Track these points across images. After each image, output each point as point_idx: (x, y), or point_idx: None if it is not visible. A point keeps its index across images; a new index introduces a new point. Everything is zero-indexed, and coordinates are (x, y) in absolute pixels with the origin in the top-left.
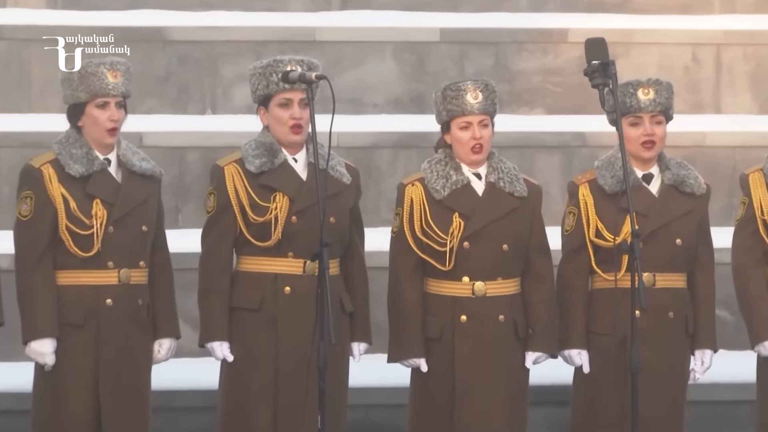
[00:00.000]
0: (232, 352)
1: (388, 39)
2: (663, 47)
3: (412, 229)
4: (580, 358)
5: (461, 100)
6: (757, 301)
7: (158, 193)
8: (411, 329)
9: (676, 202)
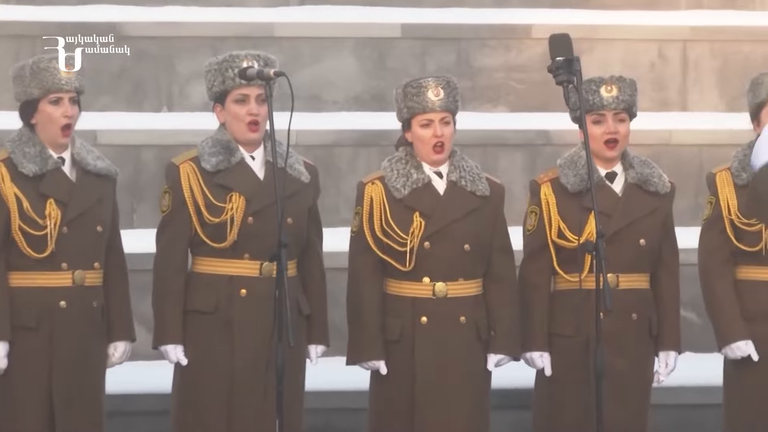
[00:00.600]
0: (186, 356)
1: (348, 35)
2: (628, 43)
3: (372, 229)
4: (542, 361)
5: (422, 98)
6: (723, 303)
7: (113, 193)
8: (370, 331)
9: (640, 201)
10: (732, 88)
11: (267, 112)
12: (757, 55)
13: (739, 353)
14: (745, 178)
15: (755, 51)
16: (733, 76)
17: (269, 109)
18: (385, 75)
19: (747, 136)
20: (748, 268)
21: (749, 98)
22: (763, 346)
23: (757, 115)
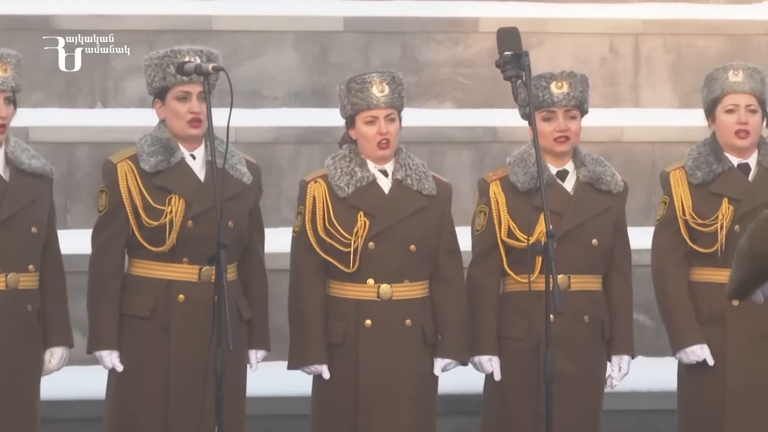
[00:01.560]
0: (121, 362)
1: (289, 28)
2: (579, 37)
3: (315, 229)
4: (491, 365)
5: (366, 93)
6: (678, 306)
7: (50, 193)
8: (312, 334)
9: (592, 200)
10: (685, 83)
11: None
12: (711, 50)
13: (694, 358)
14: (700, 177)
15: (709, 45)
16: (686, 71)
17: (207, 105)
18: (327, 70)
19: (701, 133)
20: (703, 270)
21: (703, 94)
22: (718, 350)
23: (712, 112)
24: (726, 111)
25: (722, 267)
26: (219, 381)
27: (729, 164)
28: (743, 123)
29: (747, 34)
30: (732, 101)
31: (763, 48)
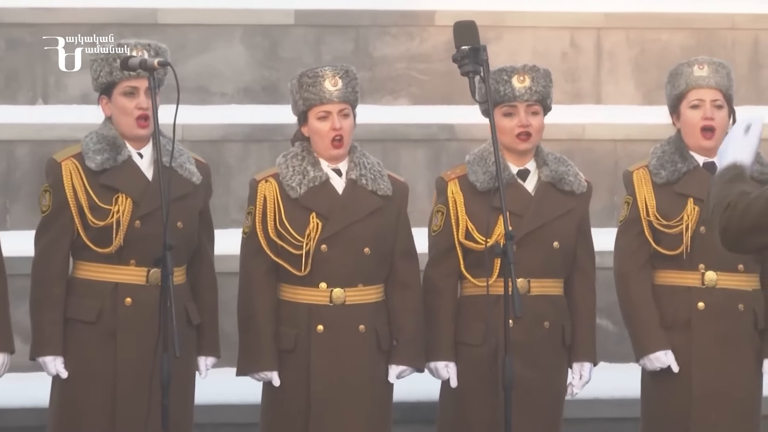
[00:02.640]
0: (66, 368)
1: (238, 21)
2: (538, 31)
3: (265, 230)
4: (448, 371)
5: (319, 88)
6: (641, 310)
7: None
8: (262, 340)
9: (554, 201)
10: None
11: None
12: (676, 44)
13: (658, 364)
14: (664, 176)
15: (674, 39)
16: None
17: (153, 101)
18: (277, 65)
19: (665, 130)
20: (668, 272)
21: (667, 90)
22: (683, 356)
23: (676, 109)
24: (691, 107)
25: (687, 270)
26: (165, 388)
27: (694, 163)
28: (709, 118)
29: (713, 28)
30: (697, 96)
31: (729, 42)
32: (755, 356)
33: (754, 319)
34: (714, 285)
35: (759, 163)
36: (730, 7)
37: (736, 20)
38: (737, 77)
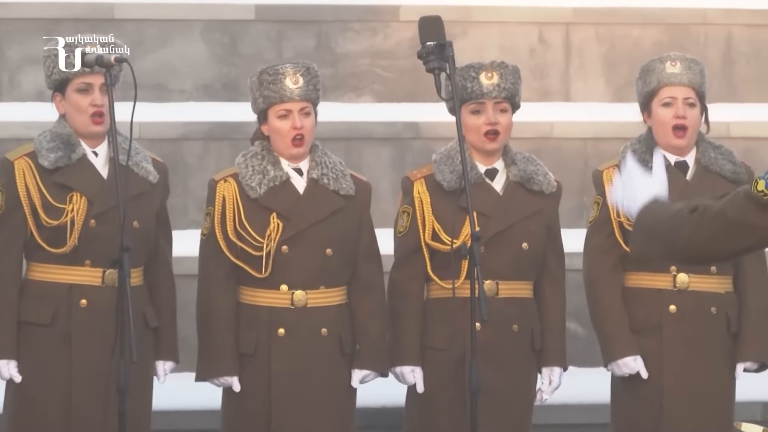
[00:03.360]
0: (20, 372)
1: (197, 17)
2: (506, 27)
3: (225, 231)
4: (414, 376)
5: (279, 86)
6: (611, 314)
7: None
8: (222, 344)
9: (523, 201)
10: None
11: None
12: (647, 40)
13: (626, 370)
14: None
15: (645, 35)
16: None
17: (110, 98)
18: (237, 61)
19: (636, 128)
20: (638, 275)
21: (638, 87)
22: (654, 360)
23: (648, 106)
24: (662, 104)
25: (658, 272)
26: (122, 394)
27: (666, 162)
28: (681, 117)
29: (685, 24)
30: (669, 94)
31: (702, 38)
32: (728, 361)
33: (726, 322)
34: (686, 287)
35: (732, 163)
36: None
37: (708, 15)
38: (709, 73)
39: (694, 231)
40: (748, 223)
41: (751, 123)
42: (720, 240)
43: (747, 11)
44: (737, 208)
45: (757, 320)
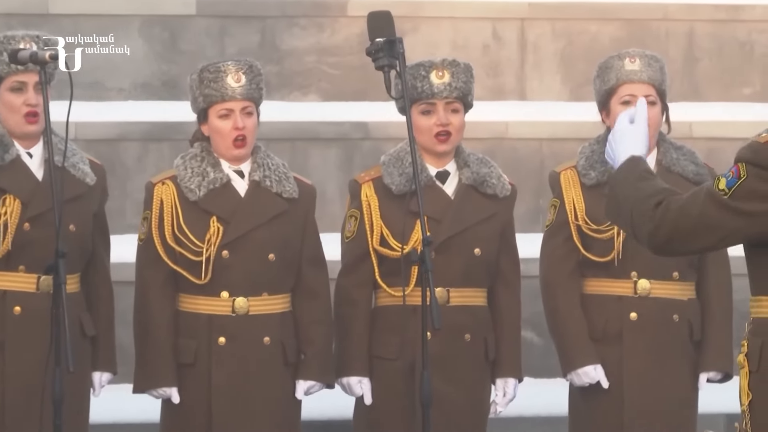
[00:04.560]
0: None
1: (135, 12)
2: (458, 22)
3: (162, 236)
4: (361, 388)
5: (221, 84)
6: (568, 321)
7: None
8: (160, 354)
9: (476, 204)
10: (577, 73)
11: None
12: (605, 36)
13: (587, 380)
14: (594, 177)
15: (603, 31)
16: (578, 59)
17: (44, 97)
18: (178, 58)
19: (594, 128)
20: (597, 281)
21: (596, 85)
22: (614, 370)
23: (606, 105)
24: (622, 102)
25: (619, 278)
26: (57, 406)
27: None
28: None
29: (645, 19)
30: (628, 91)
31: (662, 34)
32: (691, 370)
33: (689, 330)
34: (647, 294)
35: (694, 164)
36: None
37: (669, 10)
38: (671, 71)
39: (657, 226)
40: (708, 222)
41: (715, 123)
42: (680, 238)
43: (710, 6)
44: (698, 206)
45: (720, 328)
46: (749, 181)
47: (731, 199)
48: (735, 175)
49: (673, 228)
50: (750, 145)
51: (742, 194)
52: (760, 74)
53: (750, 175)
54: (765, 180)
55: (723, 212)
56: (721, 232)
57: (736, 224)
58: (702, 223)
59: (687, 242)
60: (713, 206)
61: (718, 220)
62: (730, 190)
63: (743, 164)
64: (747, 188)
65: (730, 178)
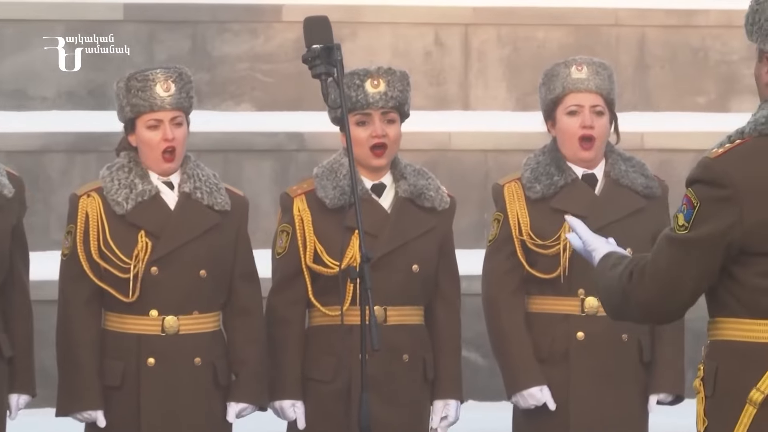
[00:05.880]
0: None
1: (59, 16)
2: (399, 27)
3: (87, 252)
4: (294, 411)
5: (149, 93)
6: (513, 341)
7: None
8: (85, 375)
9: (413, 219)
10: (523, 81)
11: None
12: (553, 42)
13: (532, 401)
14: (539, 190)
15: (550, 37)
16: (524, 67)
17: None
18: (104, 66)
19: (542, 139)
20: (543, 299)
21: (542, 94)
22: (561, 391)
23: (552, 115)
24: (568, 113)
25: (565, 295)
26: None
27: (572, 175)
28: (588, 127)
29: (595, 25)
30: (574, 101)
31: (612, 40)
32: (640, 392)
33: (639, 350)
34: (595, 312)
35: (644, 176)
36: (614, 1)
37: (620, 16)
38: (621, 79)
39: (638, 298)
40: (681, 267)
41: (667, 133)
42: (667, 296)
43: (662, 11)
44: (664, 256)
45: (671, 349)
46: (704, 206)
47: (694, 233)
48: (689, 205)
49: (653, 291)
50: (699, 163)
51: (702, 222)
52: (715, 82)
53: (703, 201)
54: (720, 200)
55: (690, 249)
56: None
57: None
58: (674, 271)
59: (676, 296)
60: (678, 249)
61: (690, 260)
62: (690, 222)
63: (692, 191)
64: (705, 214)
65: (686, 211)
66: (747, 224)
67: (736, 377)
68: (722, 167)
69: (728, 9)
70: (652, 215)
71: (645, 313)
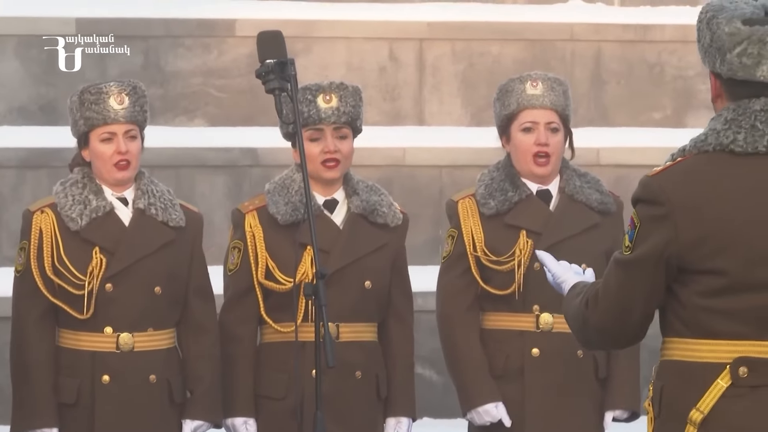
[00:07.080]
0: None
1: (11, 32)
2: (353, 42)
3: (41, 268)
4: (246, 429)
5: (102, 106)
6: (467, 357)
7: None
8: (39, 393)
9: (366, 235)
10: (478, 96)
11: None
12: (508, 57)
13: (488, 418)
14: (493, 206)
15: (505, 52)
16: (479, 82)
17: None
18: (56, 81)
19: (497, 155)
20: (498, 315)
21: (496, 109)
22: (516, 408)
23: (506, 131)
24: (522, 129)
25: (520, 312)
26: None
27: (527, 191)
28: (542, 144)
29: (550, 40)
30: (529, 118)
31: (567, 55)
32: (596, 408)
33: (594, 367)
34: (550, 329)
35: (599, 192)
36: (569, 15)
37: (575, 30)
38: (577, 94)
39: (595, 324)
40: (629, 287)
41: (623, 149)
42: (623, 318)
43: (618, 26)
44: (613, 278)
45: (627, 365)
46: (644, 225)
47: (636, 253)
48: (632, 226)
49: (605, 314)
50: (640, 182)
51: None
52: (671, 98)
53: (643, 220)
54: (657, 218)
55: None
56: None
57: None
58: (622, 293)
59: (626, 318)
60: (624, 270)
61: (635, 281)
62: (633, 243)
63: (635, 211)
64: (644, 233)
65: (629, 231)
66: (682, 241)
67: (678, 397)
68: (659, 184)
69: (684, 24)
70: (606, 231)
71: (600, 337)
